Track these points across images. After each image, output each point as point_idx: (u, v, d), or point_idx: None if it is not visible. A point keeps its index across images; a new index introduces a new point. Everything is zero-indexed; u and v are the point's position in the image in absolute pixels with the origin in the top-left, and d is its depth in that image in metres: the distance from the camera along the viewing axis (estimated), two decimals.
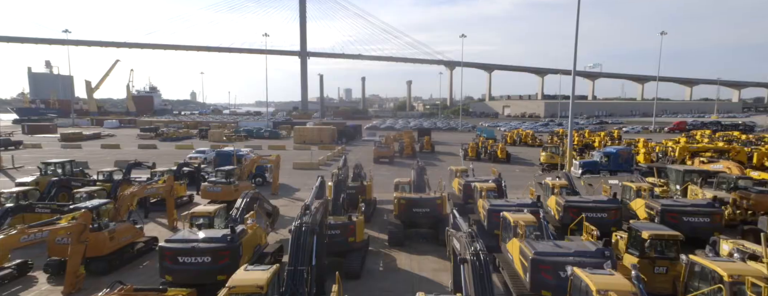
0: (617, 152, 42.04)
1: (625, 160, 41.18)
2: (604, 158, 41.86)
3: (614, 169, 40.86)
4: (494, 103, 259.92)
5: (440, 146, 73.44)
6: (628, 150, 42.66)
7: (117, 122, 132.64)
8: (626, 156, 41.69)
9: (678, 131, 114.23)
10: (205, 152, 52.66)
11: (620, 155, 41.65)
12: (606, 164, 41.60)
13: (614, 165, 41.06)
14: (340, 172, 21.69)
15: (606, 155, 42.01)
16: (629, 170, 40.83)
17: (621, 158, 41.36)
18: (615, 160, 41.15)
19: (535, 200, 20.28)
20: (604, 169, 41.23)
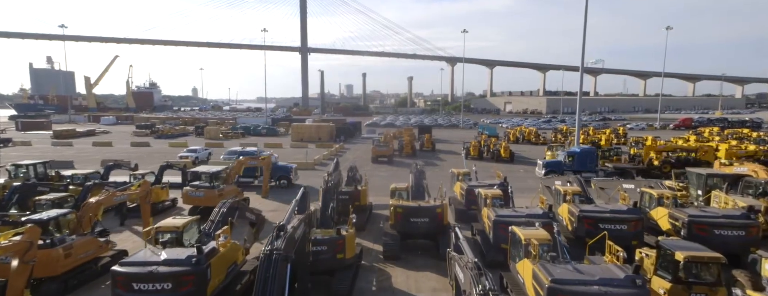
0: (582, 152, 40.19)
1: (590, 160, 39.40)
2: (569, 157, 40.05)
3: (578, 169, 39.00)
4: (496, 99, 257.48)
5: (441, 144, 71.31)
6: (592, 150, 40.84)
7: (114, 119, 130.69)
8: (591, 156, 39.91)
9: (683, 127, 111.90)
10: (196, 150, 50.65)
11: (585, 155, 39.82)
12: (570, 164, 39.80)
13: (579, 165, 39.27)
14: (330, 178, 19.57)
15: (570, 155, 40.18)
16: (593, 170, 39.23)
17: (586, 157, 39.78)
18: (580, 160, 39.36)
19: (546, 210, 18.20)
20: (569, 169, 39.44)
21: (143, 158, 53.94)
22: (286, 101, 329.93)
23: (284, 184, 36.27)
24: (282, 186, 36.12)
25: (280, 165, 38.04)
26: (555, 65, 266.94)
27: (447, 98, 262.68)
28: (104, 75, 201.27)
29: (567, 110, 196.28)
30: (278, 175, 36.66)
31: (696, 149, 40.44)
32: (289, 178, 36.56)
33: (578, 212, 18.51)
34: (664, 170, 39.21)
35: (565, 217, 20.18)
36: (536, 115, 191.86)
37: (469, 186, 25.14)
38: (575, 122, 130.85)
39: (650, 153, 40.89)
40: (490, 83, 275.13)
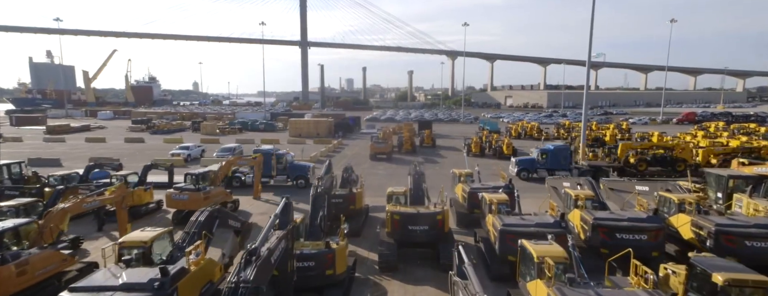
0: (555, 150, 38.66)
1: (564, 158, 37.89)
2: (542, 155, 38.49)
3: (551, 167, 37.82)
4: (496, 93, 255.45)
5: (442, 140, 69.60)
6: (565, 148, 39.29)
7: (111, 114, 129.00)
8: (565, 154, 38.34)
9: (687, 122, 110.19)
10: (189, 147, 48.94)
11: (558, 152, 38.29)
12: (543, 162, 38.32)
13: (552, 163, 37.90)
14: (321, 183, 17.89)
15: (544, 153, 38.61)
16: (567, 168, 37.87)
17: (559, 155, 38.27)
18: (553, 158, 37.91)
19: (557, 219, 16.53)
20: (542, 167, 38.17)
21: (135, 155, 52.43)
22: (286, 96, 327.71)
23: (301, 184, 34.19)
24: (299, 186, 34.05)
25: (296, 164, 36.12)
26: (556, 59, 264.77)
27: (447, 92, 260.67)
28: (102, 69, 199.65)
29: (568, 104, 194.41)
30: (295, 174, 34.75)
31: (673, 147, 38.83)
32: (306, 177, 34.61)
33: (592, 221, 16.87)
34: (639, 167, 37.80)
35: (577, 224, 18.55)
36: (537, 109, 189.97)
37: (472, 189, 23.50)
38: (577, 117, 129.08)
39: (626, 150, 39.37)
40: (491, 77, 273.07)
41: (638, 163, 37.92)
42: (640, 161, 37.98)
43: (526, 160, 39.73)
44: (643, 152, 39.38)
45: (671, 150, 38.62)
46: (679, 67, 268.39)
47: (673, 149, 38.68)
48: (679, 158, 37.90)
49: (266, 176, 34.10)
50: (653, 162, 38.23)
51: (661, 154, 38.69)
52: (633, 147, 39.85)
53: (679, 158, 37.99)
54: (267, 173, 34.05)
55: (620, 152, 39.50)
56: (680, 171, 37.20)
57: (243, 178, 34.36)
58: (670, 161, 37.99)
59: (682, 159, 37.77)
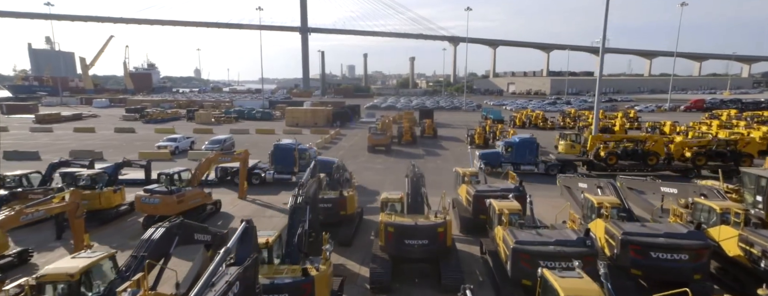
0: (521, 143, 36.10)
1: (530, 151, 35.43)
2: (507, 148, 35.99)
3: (517, 161, 35.49)
4: (498, 80, 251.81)
5: (443, 130, 66.92)
6: (532, 140, 36.62)
7: (107, 102, 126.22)
8: (531, 147, 35.77)
9: (695, 109, 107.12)
10: (176, 139, 46.33)
11: (525, 145, 35.77)
12: (509, 156, 35.86)
13: (518, 157, 35.56)
14: (302, 191, 15.25)
15: (509, 146, 36.09)
16: (533, 162, 35.59)
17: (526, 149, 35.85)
18: (519, 151, 35.51)
19: (583, 236, 13.88)
20: (507, 161, 35.73)
21: (122, 146, 49.95)
22: (287, 82, 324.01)
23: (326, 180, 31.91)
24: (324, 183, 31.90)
25: (319, 160, 33.35)
26: (559, 45, 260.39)
27: (449, 79, 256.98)
28: (100, 56, 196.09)
29: (571, 90, 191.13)
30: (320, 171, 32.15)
31: (645, 140, 36.41)
32: (332, 174, 32.06)
33: (622, 236, 14.31)
34: (610, 161, 35.50)
35: (600, 237, 16.01)
36: (540, 96, 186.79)
37: (478, 192, 20.96)
38: (582, 105, 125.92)
39: (596, 143, 36.95)
40: (493, 64, 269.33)
41: (608, 156, 35.58)
42: (610, 155, 35.62)
43: (490, 153, 37.13)
44: (615, 144, 36.95)
45: (643, 143, 36.15)
46: (685, 52, 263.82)
47: (644, 142, 36.17)
48: (651, 152, 35.52)
49: (287, 172, 31.88)
50: (624, 156, 35.94)
51: (631, 147, 36.29)
52: (603, 139, 37.33)
53: (651, 151, 35.57)
54: (288, 170, 31.79)
55: (590, 144, 37.05)
56: (652, 165, 35.18)
57: (263, 174, 31.98)
58: (642, 155, 35.63)
59: (654, 153, 35.41)
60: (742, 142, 35.47)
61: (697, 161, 34.70)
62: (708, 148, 35.41)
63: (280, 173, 32.18)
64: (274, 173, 31.99)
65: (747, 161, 34.35)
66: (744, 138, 35.61)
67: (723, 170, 34.51)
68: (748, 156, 34.67)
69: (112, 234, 21.51)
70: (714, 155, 35.00)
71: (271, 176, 31.76)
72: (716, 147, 35.33)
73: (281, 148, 32.44)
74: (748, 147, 35.30)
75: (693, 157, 34.86)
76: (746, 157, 34.59)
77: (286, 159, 31.62)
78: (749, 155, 34.70)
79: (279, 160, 32.21)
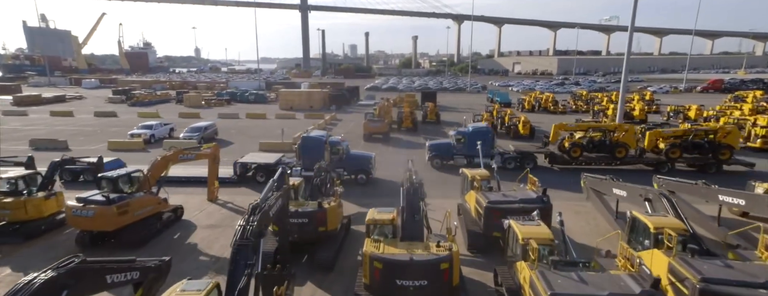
0: (474, 132, 31.78)
1: (485, 142, 30.56)
2: (460, 139, 31.64)
3: (471, 154, 30.83)
4: (503, 59, 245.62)
5: (447, 114, 62.46)
6: (486, 129, 32.32)
7: (97, 82, 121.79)
8: (485, 137, 31.06)
9: (713, 90, 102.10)
10: (152, 126, 41.99)
11: (479, 135, 31.17)
12: (461, 147, 31.50)
13: (471, 149, 30.69)
14: (254, 218, 10.80)
15: (461, 136, 31.71)
16: (489, 155, 30.93)
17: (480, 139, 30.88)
18: (472, 142, 30.68)
19: (646, 281, 9.73)
20: (459, 153, 31.51)
21: (96, 134, 45.76)
22: (288, 62, 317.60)
23: (362, 180, 27.72)
24: (360, 182, 27.60)
25: (355, 155, 29.08)
26: (567, 23, 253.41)
27: (453, 59, 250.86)
28: (92, 34, 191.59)
29: (579, 70, 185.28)
30: (353, 168, 27.81)
31: (613, 129, 32.08)
32: (368, 171, 27.91)
33: (700, 283, 10.14)
34: (573, 154, 31.38)
35: (662, 273, 11.74)
36: (547, 76, 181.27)
37: (491, 203, 16.77)
38: (591, 85, 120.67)
39: (559, 133, 32.73)
40: (498, 42, 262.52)
41: (572, 148, 31.41)
42: (574, 146, 31.48)
43: (440, 145, 32.73)
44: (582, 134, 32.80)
45: (611, 133, 31.87)
46: (698, 30, 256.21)
47: (613, 132, 31.89)
48: (620, 143, 31.33)
49: (310, 168, 27.36)
50: (590, 147, 31.90)
51: (599, 138, 32.07)
52: (567, 128, 33.02)
53: (620, 142, 31.37)
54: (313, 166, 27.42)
55: (553, 135, 32.63)
56: (621, 158, 31.18)
57: (289, 171, 27.49)
58: (609, 147, 31.53)
59: (623, 144, 31.28)
60: (721, 132, 30.98)
61: (671, 154, 30.56)
62: (684, 139, 31.23)
63: (308, 169, 27.36)
64: (302, 170, 27.28)
65: (727, 153, 30.31)
66: (724, 128, 31.22)
67: (698, 163, 30.73)
68: (728, 148, 30.37)
69: (41, 253, 17.47)
70: (690, 146, 30.94)
71: (298, 174, 27.33)
72: (693, 138, 31.09)
73: (310, 141, 27.74)
74: (728, 138, 30.87)
75: (667, 149, 30.68)
76: (726, 149, 30.35)
77: (316, 153, 26.96)
78: (729, 147, 30.41)
79: (307, 154, 27.47)
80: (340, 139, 29.08)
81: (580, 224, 20.74)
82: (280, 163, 27.78)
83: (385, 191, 26.25)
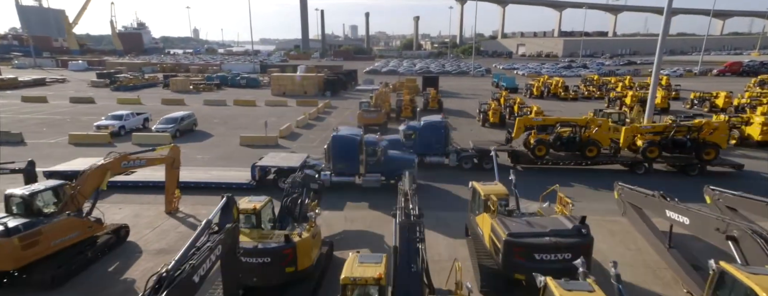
0: (426, 127, 27.61)
1: (437, 139, 26.68)
2: (410, 134, 27.55)
3: (422, 151, 27.06)
4: (507, 41, 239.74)
5: (450, 101, 58.07)
6: (439, 123, 27.75)
7: (84, 64, 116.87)
8: (439, 132, 27.05)
9: (730, 73, 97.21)
10: (123, 116, 37.63)
11: (430, 131, 27.36)
12: (411, 144, 27.45)
13: (422, 146, 27.12)
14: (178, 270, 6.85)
15: (411, 131, 27.58)
16: (442, 152, 27.25)
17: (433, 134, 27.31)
18: (423, 139, 27.14)
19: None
20: (410, 150, 27.22)
21: (63, 124, 41.46)
22: (287, 43, 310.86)
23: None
24: None
25: (395, 157, 24.27)
26: (574, 2, 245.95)
27: (455, 40, 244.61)
28: (83, 13, 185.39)
29: (586, 52, 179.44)
30: (393, 173, 22.98)
31: (584, 124, 27.61)
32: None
33: None
34: (538, 152, 27.17)
35: None
36: (552, 59, 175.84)
37: (512, 237, 12.60)
38: (600, 68, 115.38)
39: (523, 127, 28.34)
40: (502, 23, 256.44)
41: (536, 146, 27.21)
42: (539, 144, 27.23)
43: (389, 141, 28.02)
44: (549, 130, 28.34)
45: (582, 129, 27.57)
46: (705, 9, 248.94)
47: (585, 128, 27.56)
48: (592, 140, 27.10)
49: (350, 173, 23.30)
50: (558, 145, 27.71)
51: (568, 134, 27.81)
52: (532, 123, 28.62)
53: (591, 139, 27.17)
54: (352, 170, 23.22)
55: (516, 130, 28.26)
56: (591, 158, 27.03)
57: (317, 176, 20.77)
58: (579, 144, 27.36)
59: (594, 142, 27.05)
60: (707, 128, 26.67)
61: (649, 153, 26.49)
62: (664, 136, 27.09)
63: (340, 174, 23.38)
64: (332, 175, 23.50)
65: (712, 152, 26.21)
66: (711, 124, 26.78)
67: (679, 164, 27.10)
68: (714, 147, 26.22)
69: None
70: (671, 144, 26.89)
71: (327, 179, 23.12)
72: (674, 135, 26.93)
73: (341, 141, 23.23)
74: (714, 135, 26.63)
75: (644, 147, 26.55)
76: (711, 148, 26.21)
77: (349, 156, 22.88)
78: (715, 146, 26.27)
79: (339, 156, 23.32)
80: (376, 138, 24.47)
81: (618, 249, 16.69)
82: (305, 166, 23.61)
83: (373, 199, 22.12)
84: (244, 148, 33.05)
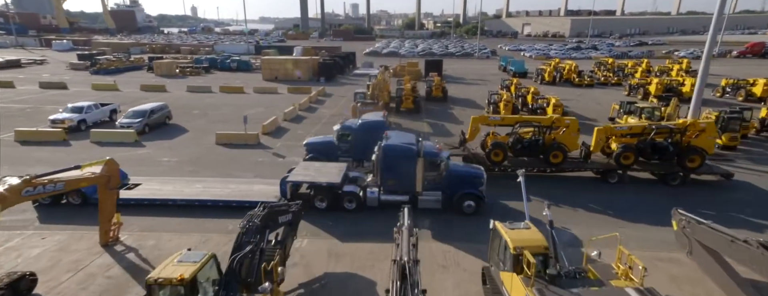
0: (363, 127, 23.57)
1: (376, 141, 21.24)
2: (345, 135, 23.46)
3: (360, 156, 23.10)
4: (512, 20, 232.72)
5: (455, 87, 53.30)
6: (380, 123, 23.71)
7: (69, 44, 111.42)
8: (379, 134, 21.55)
9: (751, 55, 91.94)
10: (83, 108, 32.88)
11: (369, 131, 23.05)
12: (346, 146, 23.34)
13: (360, 150, 22.90)
14: None
15: (346, 132, 23.56)
16: None
17: None
18: (362, 140, 22.81)
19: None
20: (345, 155, 23.39)
21: (20, 116, 36.76)
22: (286, 22, 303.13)
23: (470, 208, 18.53)
24: (467, 211, 18.54)
25: (457, 170, 19.54)
26: None
27: (458, 19, 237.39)
28: None
29: (594, 32, 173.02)
30: (457, 189, 18.63)
31: (549, 125, 23.29)
32: (479, 194, 18.68)
33: None
34: (494, 158, 22.82)
35: None
36: (559, 39, 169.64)
37: None
38: (611, 49, 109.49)
39: (478, 127, 24.38)
40: (507, 2, 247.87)
41: (492, 150, 22.87)
42: (496, 147, 22.88)
43: (320, 143, 24.19)
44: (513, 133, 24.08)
45: (547, 130, 23.34)
46: None
47: (550, 129, 23.32)
48: (557, 144, 22.88)
49: (403, 191, 18.59)
50: (519, 148, 23.55)
51: (530, 136, 23.69)
52: (489, 122, 24.46)
53: (557, 142, 22.96)
54: (406, 187, 18.55)
55: (471, 130, 24.21)
56: (556, 164, 22.86)
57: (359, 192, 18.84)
58: (543, 148, 23.18)
59: (560, 146, 22.83)
60: (692, 130, 22.27)
61: (623, 159, 22.22)
62: (642, 139, 22.87)
63: (391, 192, 18.97)
64: (381, 193, 19.02)
65: (696, 159, 21.97)
66: (696, 125, 22.32)
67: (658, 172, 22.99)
68: (699, 153, 21.95)
69: None
70: (650, 149, 22.62)
71: (374, 197, 18.99)
72: (653, 137, 22.67)
73: (394, 151, 18.69)
74: (699, 139, 22.32)
75: (618, 153, 22.27)
76: (696, 154, 21.96)
77: (404, 169, 18.31)
78: (700, 151, 22.00)
79: (390, 170, 18.74)
80: (437, 147, 19.75)
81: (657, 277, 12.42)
82: (346, 181, 19.20)
83: None
84: (219, 148, 28.52)
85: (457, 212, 18.58)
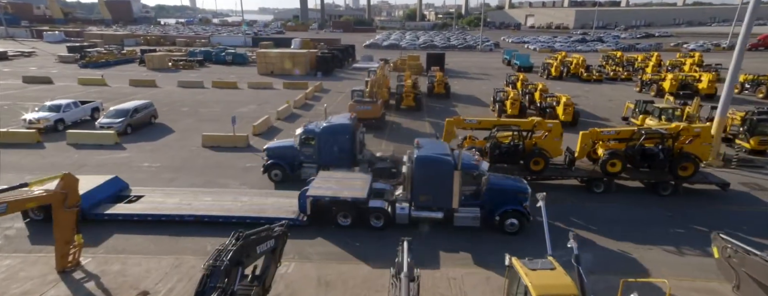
0: (329, 130, 21.26)
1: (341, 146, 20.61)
2: (308, 139, 21.25)
3: (325, 162, 21.05)
4: (515, 11, 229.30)
5: (458, 82, 51.07)
6: (346, 127, 21.23)
7: (61, 35, 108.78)
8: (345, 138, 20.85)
9: (764, 48, 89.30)
10: (61, 106, 30.68)
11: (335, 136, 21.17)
12: (310, 153, 21.30)
13: (325, 156, 21.07)
14: None
15: (309, 136, 21.23)
16: (349, 163, 21.26)
17: None
18: (326, 146, 20.97)
19: None
20: (309, 162, 21.32)
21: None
22: (286, 13, 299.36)
23: (512, 227, 16.54)
24: (509, 230, 16.56)
25: (498, 183, 17.26)
26: None
27: (461, 10, 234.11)
28: None
29: (599, 23, 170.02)
30: (497, 205, 16.61)
31: (530, 128, 21.24)
32: (524, 211, 16.55)
33: None
34: None
35: None
36: (563, 31, 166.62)
37: None
38: (617, 42, 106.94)
39: (453, 131, 22.42)
40: None
41: None
42: None
43: (280, 148, 21.97)
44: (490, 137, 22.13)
45: (527, 134, 21.33)
46: None
47: (531, 133, 21.31)
48: (537, 150, 20.84)
49: (440, 207, 16.68)
50: (496, 154, 21.44)
51: (509, 141, 21.67)
52: (464, 125, 22.59)
53: (538, 148, 20.93)
54: (441, 203, 16.60)
55: (445, 133, 22.30)
56: (538, 172, 20.85)
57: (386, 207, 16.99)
58: (523, 155, 21.16)
59: (540, 152, 20.79)
60: (685, 135, 20.20)
61: (609, 167, 20.21)
62: (630, 144, 20.95)
63: (423, 208, 16.94)
64: (411, 209, 16.97)
65: (690, 167, 20.03)
66: (690, 130, 20.23)
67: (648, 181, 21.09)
68: (693, 161, 19.99)
69: None
70: (639, 156, 20.67)
71: (405, 214, 16.94)
72: (642, 143, 20.67)
73: (428, 162, 16.55)
74: (693, 145, 20.27)
75: (604, 159, 20.24)
76: (689, 162, 20.00)
77: (440, 183, 16.24)
78: (694, 159, 20.03)
79: (423, 184, 16.65)
80: (476, 158, 17.75)
81: None
82: (372, 195, 17.22)
83: None
84: (205, 151, 26.39)
85: (505, 232, 16.58)
